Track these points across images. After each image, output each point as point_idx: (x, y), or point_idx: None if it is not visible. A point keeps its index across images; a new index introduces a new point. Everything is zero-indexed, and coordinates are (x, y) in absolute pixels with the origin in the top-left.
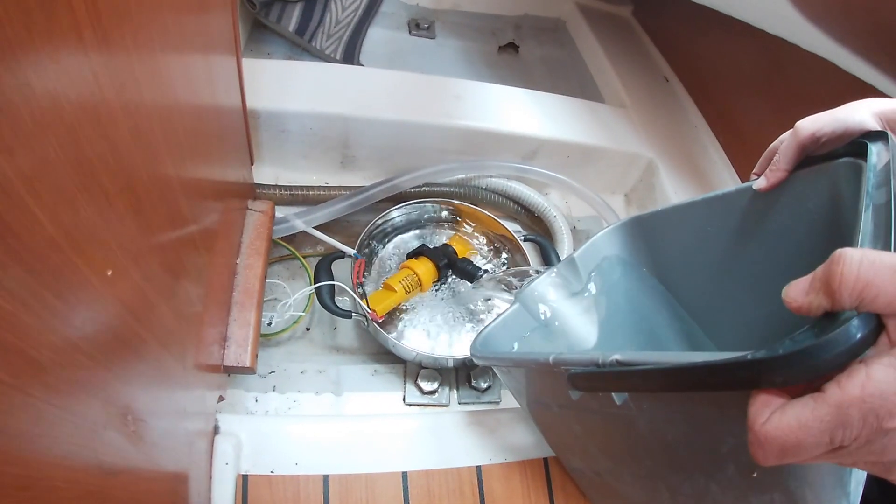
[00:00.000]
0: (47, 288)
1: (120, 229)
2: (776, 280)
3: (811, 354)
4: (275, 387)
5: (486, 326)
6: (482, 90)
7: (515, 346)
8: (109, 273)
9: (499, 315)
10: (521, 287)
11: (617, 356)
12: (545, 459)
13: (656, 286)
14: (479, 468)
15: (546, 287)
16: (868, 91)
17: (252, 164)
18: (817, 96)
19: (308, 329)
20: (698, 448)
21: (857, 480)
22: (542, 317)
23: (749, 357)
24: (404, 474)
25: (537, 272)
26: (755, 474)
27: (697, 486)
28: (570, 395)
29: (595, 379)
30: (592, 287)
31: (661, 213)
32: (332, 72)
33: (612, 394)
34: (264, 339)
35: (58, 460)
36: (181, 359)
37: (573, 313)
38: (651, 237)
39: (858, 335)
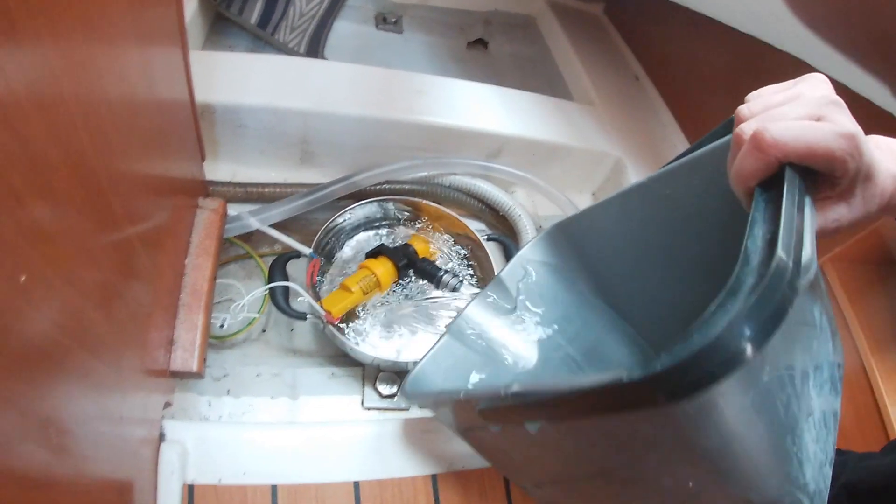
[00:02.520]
0: None
1: (35, 231)
2: (707, 264)
3: (689, 369)
4: (229, 391)
5: (417, 364)
6: (446, 86)
7: (451, 379)
8: (23, 279)
9: (429, 350)
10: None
11: (515, 387)
12: None
13: (589, 293)
14: (434, 477)
15: (476, 312)
16: (841, 90)
17: (203, 160)
18: None
19: (264, 331)
20: (626, 465)
21: (813, 475)
22: (478, 344)
23: (624, 378)
24: (356, 484)
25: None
26: (691, 484)
27: (641, 500)
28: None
29: (501, 412)
30: (525, 304)
31: (582, 215)
32: (291, 65)
33: (525, 423)
34: (218, 341)
35: None
36: (115, 366)
37: (509, 335)
38: (578, 242)
39: (743, 341)
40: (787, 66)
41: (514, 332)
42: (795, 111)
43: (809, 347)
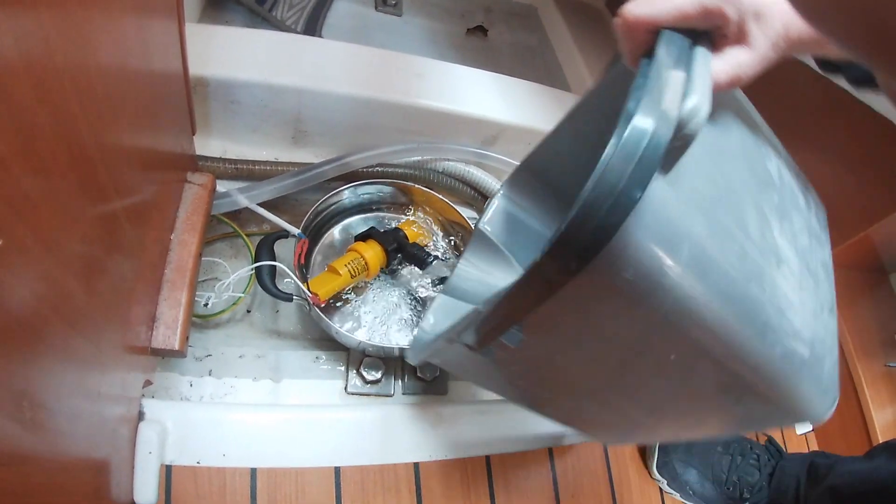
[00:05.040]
0: None
1: (16, 196)
2: None
3: (581, 226)
4: (211, 371)
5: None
6: (444, 70)
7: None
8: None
9: (427, 311)
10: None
11: (478, 306)
12: (487, 457)
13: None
14: (416, 465)
15: (467, 266)
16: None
17: (194, 134)
18: (803, 106)
19: (249, 311)
20: (610, 354)
21: (805, 321)
22: (473, 296)
23: (538, 258)
24: (337, 469)
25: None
26: (673, 357)
27: (643, 387)
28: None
29: (481, 336)
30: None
31: (539, 148)
32: (288, 42)
33: (502, 339)
34: (202, 320)
35: None
36: (95, 340)
37: (501, 279)
38: (542, 174)
39: (623, 186)
40: (806, 81)
41: (507, 277)
42: None
43: (766, 200)
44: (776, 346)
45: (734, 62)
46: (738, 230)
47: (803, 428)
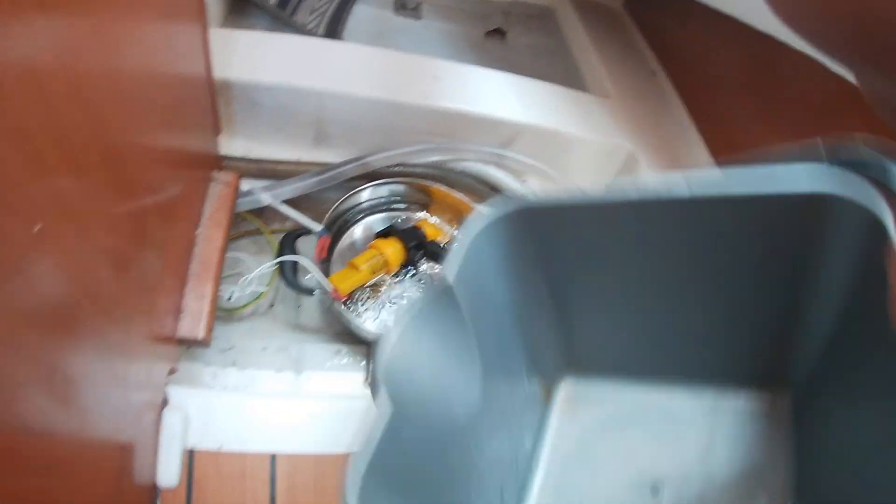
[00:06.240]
0: None
1: (52, 187)
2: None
3: None
4: (234, 362)
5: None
6: (462, 72)
7: None
8: (37, 229)
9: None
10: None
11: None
12: None
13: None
14: None
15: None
16: (860, 96)
17: (218, 135)
18: (806, 96)
19: (272, 306)
20: None
21: None
22: None
23: None
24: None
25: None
26: None
27: None
28: None
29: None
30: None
31: (555, 205)
32: (308, 45)
33: None
34: (226, 314)
35: None
36: (124, 327)
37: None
38: (539, 231)
39: None
40: (804, 68)
41: None
42: None
43: None
44: None
45: None
46: None
47: None
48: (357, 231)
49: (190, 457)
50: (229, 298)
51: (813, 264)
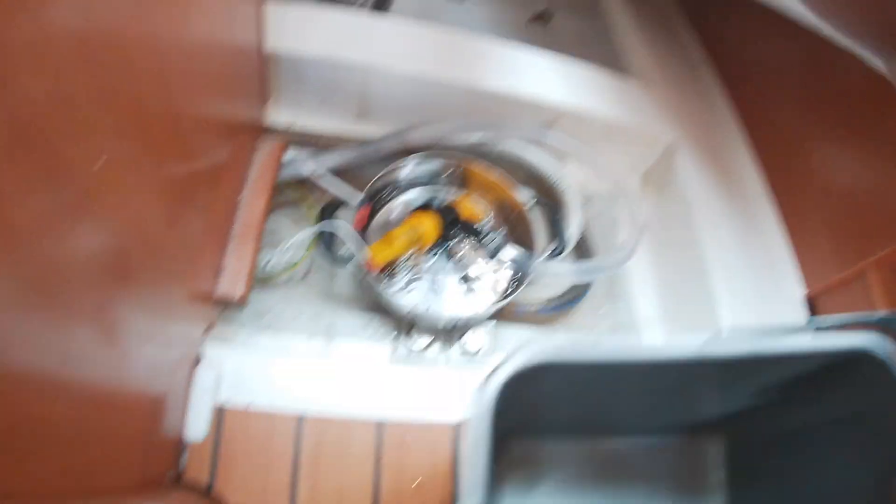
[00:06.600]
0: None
1: (120, 129)
2: None
3: None
4: (269, 326)
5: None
6: (507, 52)
7: None
8: (96, 168)
9: None
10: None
11: None
12: None
13: None
14: (457, 427)
15: None
16: None
17: (266, 105)
18: (850, 93)
19: (307, 275)
20: None
21: None
22: None
23: None
24: (379, 423)
25: None
26: None
27: None
28: None
29: None
30: None
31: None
32: (356, 20)
33: None
34: (262, 281)
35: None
36: (169, 280)
37: None
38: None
39: None
40: (851, 66)
41: None
42: None
43: None
44: None
45: None
46: None
47: None
48: (395, 206)
49: (220, 413)
50: (266, 266)
51: None
